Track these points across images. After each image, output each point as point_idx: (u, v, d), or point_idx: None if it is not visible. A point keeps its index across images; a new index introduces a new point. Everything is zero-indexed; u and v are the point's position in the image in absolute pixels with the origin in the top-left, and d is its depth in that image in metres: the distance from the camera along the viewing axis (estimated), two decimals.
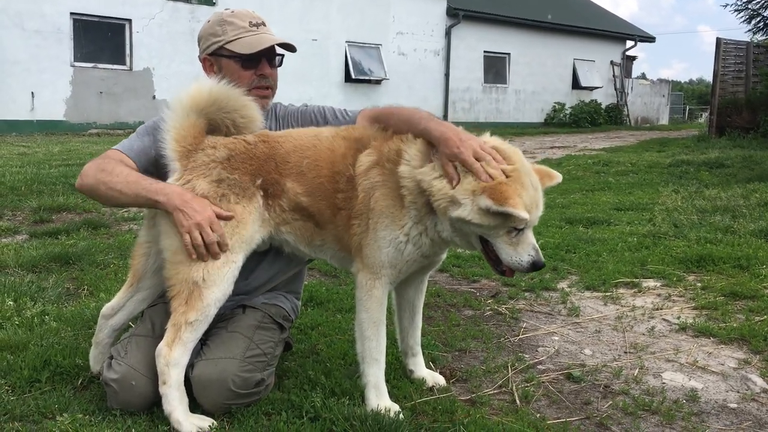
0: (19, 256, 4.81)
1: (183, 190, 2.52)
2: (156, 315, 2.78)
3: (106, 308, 2.85)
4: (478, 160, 2.36)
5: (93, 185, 2.64)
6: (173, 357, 2.44)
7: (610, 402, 2.84)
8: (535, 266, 2.42)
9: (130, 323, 3.04)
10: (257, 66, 2.85)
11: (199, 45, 2.93)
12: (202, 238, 2.44)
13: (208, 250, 2.46)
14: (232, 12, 2.88)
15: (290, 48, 2.95)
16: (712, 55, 18.05)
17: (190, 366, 2.55)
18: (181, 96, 2.57)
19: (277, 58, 2.95)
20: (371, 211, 2.51)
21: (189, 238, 2.44)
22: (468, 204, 2.32)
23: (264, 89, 2.88)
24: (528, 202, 2.34)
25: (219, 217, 2.48)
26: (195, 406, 2.53)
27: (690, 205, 7.44)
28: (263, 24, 2.91)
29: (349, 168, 2.56)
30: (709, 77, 23.23)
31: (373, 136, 2.62)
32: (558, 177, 2.64)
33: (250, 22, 2.86)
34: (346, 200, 2.56)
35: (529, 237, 2.42)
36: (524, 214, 2.27)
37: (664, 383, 3.05)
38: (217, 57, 2.85)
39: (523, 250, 2.40)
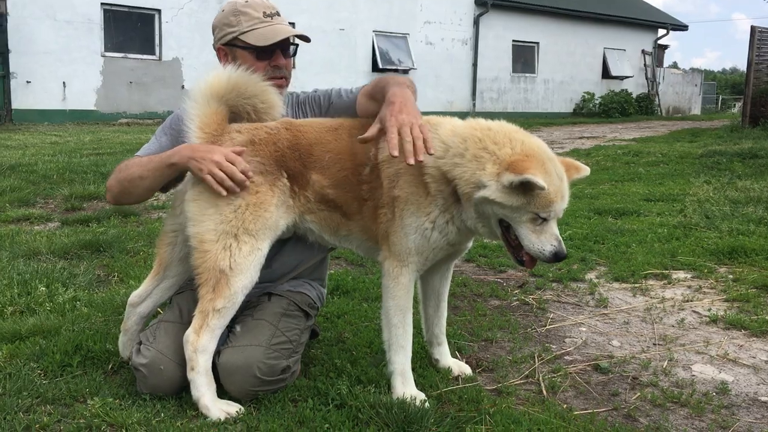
0: (51, 243, 4.89)
1: (186, 144, 2.58)
2: (184, 301, 2.81)
3: (134, 296, 2.89)
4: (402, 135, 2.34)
5: (119, 189, 2.76)
6: (201, 343, 2.47)
7: (639, 394, 2.81)
8: (557, 257, 2.40)
9: (159, 309, 3.07)
10: (271, 57, 2.87)
11: (213, 34, 2.94)
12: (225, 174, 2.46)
13: (235, 182, 2.46)
14: (246, 2, 2.88)
15: (305, 38, 2.95)
16: (746, 43, 17.71)
17: (217, 353, 2.58)
18: (201, 84, 2.59)
19: (291, 47, 2.95)
20: (396, 198, 2.51)
21: (211, 177, 2.45)
22: (492, 185, 2.32)
23: (278, 79, 2.89)
24: (552, 190, 2.33)
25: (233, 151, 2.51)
26: (223, 392, 2.56)
27: (722, 196, 7.32)
28: (277, 14, 2.92)
29: (371, 158, 2.57)
30: (743, 66, 22.78)
31: None
32: (586, 169, 2.62)
33: (264, 13, 2.86)
34: (371, 191, 2.56)
35: (553, 227, 2.40)
36: (542, 183, 2.24)
37: (693, 375, 3.02)
38: (231, 47, 2.86)
39: (546, 239, 2.39)
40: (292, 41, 2.94)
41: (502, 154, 2.35)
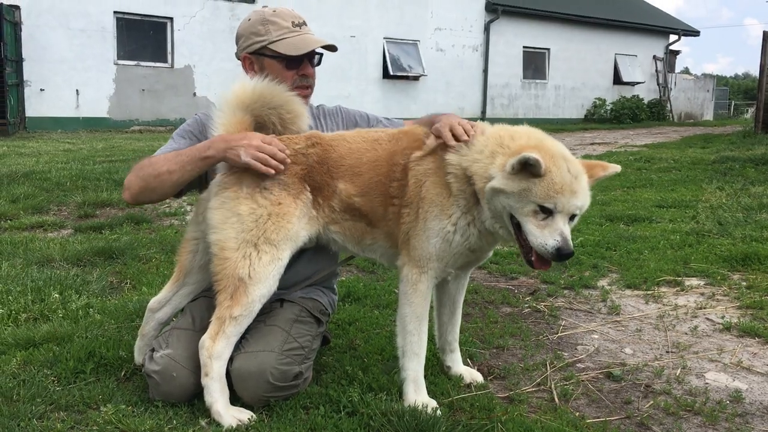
0: (64, 250, 4.93)
1: (217, 135, 2.60)
2: (196, 309, 2.82)
3: (153, 302, 2.91)
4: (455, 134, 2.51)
5: (142, 185, 2.69)
6: (216, 350, 2.48)
7: (651, 402, 2.80)
8: (560, 252, 2.31)
9: (172, 318, 3.09)
10: (300, 66, 2.89)
11: (238, 42, 2.95)
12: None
13: (278, 160, 2.53)
14: (274, 11, 2.90)
15: (332, 48, 2.97)
16: (759, 48, 17.60)
17: (230, 359, 2.59)
18: (227, 94, 2.64)
19: (316, 57, 2.97)
20: (422, 200, 2.51)
21: (254, 161, 2.49)
22: (498, 174, 2.33)
23: (305, 89, 2.92)
24: (557, 180, 2.29)
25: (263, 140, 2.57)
26: (234, 399, 2.57)
27: (735, 202, 7.28)
28: (305, 23, 2.93)
29: (407, 158, 2.58)
30: (755, 71, 22.63)
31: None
32: (613, 167, 2.55)
33: (293, 22, 2.88)
34: (399, 188, 2.56)
35: (559, 223, 2.33)
36: (537, 157, 2.22)
37: (707, 383, 3.00)
38: (258, 56, 2.88)
39: (550, 234, 2.32)
40: (316, 51, 2.96)
41: (514, 146, 2.36)
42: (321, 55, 2.99)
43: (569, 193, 2.32)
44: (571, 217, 2.38)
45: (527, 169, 2.27)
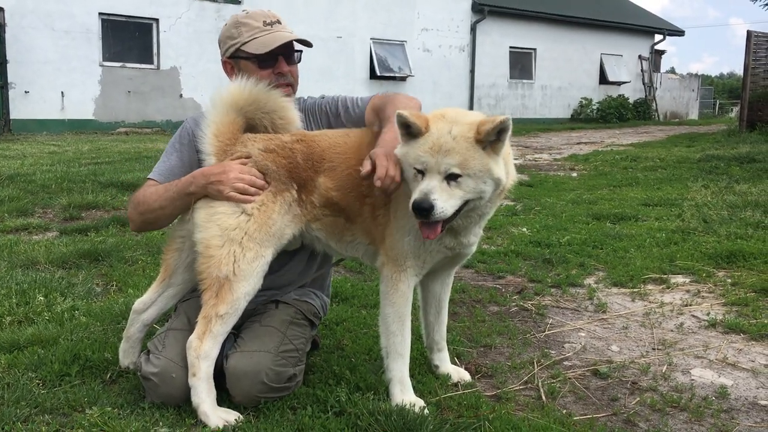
0: (49, 252, 4.89)
1: (198, 170, 2.64)
2: (190, 309, 2.82)
3: (138, 303, 2.90)
4: None
5: (141, 220, 2.82)
6: (203, 349, 2.48)
7: (638, 398, 2.81)
8: (414, 206, 2.27)
9: (155, 326, 3.08)
10: (274, 65, 2.89)
11: (220, 48, 2.98)
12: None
13: (257, 188, 2.59)
14: (247, 13, 2.92)
15: (305, 43, 2.96)
16: (743, 48, 17.72)
17: (225, 357, 2.59)
18: (223, 93, 2.65)
19: (296, 54, 2.96)
20: (392, 199, 2.52)
21: (236, 194, 2.54)
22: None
23: (284, 86, 2.90)
24: (430, 140, 2.31)
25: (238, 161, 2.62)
26: (222, 399, 2.56)
27: (720, 200, 7.33)
28: (278, 22, 2.93)
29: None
30: (740, 71, 22.81)
31: None
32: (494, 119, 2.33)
33: (264, 22, 2.89)
34: (370, 186, 2.56)
35: (425, 181, 2.31)
36: (405, 114, 2.31)
37: (693, 380, 3.01)
38: (235, 59, 2.90)
39: (415, 191, 2.32)
40: (294, 48, 2.95)
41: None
42: (300, 51, 2.98)
43: (438, 152, 2.28)
44: (453, 177, 2.30)
45: (407, 130, 2.35)
